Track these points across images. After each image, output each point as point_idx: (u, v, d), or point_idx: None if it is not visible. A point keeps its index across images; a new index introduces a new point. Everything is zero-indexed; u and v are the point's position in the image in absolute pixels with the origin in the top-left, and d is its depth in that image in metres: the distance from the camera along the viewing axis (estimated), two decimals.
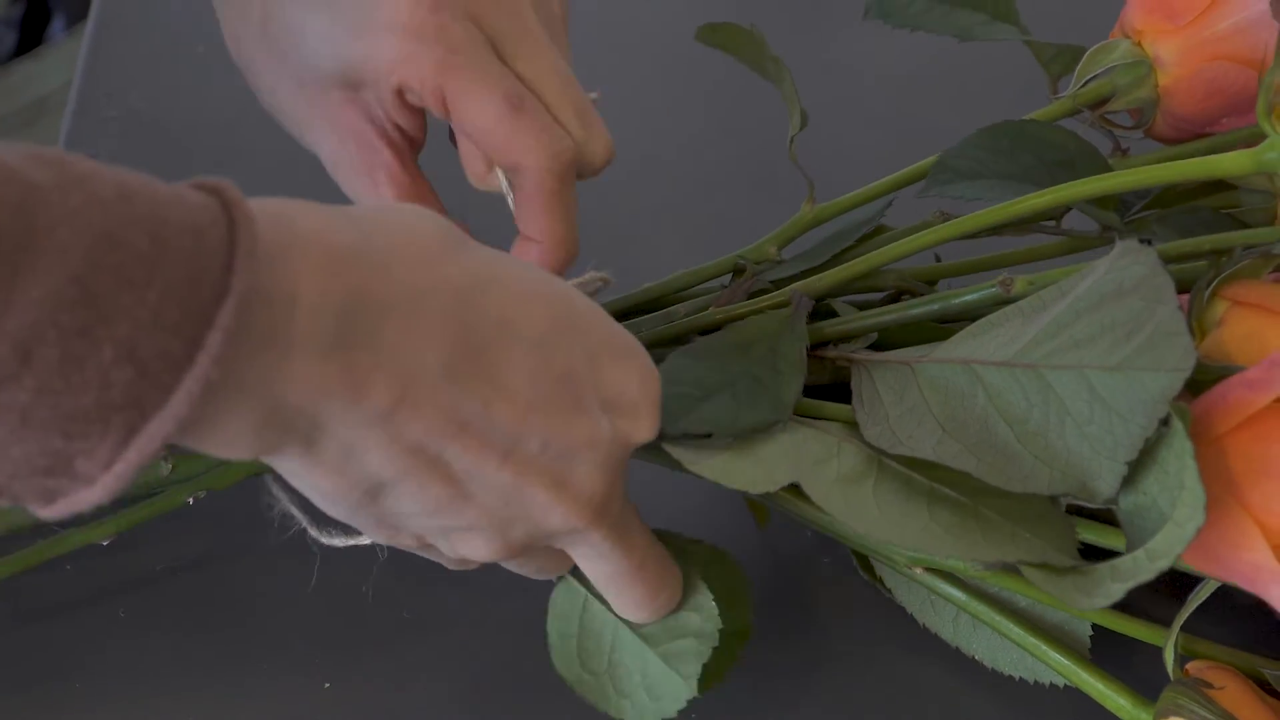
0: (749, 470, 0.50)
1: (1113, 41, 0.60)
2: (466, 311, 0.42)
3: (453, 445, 0.42)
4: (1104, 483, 0.45)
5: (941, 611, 0.56)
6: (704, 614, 0.52)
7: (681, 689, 0.51)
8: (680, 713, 0.51)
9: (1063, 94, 0.61)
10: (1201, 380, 0.47)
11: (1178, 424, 0.43)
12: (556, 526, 0.46)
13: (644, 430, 0.47)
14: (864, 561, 0.58)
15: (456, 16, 0.52)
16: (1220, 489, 0.44)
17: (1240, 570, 0.44)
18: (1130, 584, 0.44)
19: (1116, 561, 0.45)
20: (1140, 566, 0.44)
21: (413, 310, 0.41)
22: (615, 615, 0.52)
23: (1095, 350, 0.46)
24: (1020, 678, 0.54)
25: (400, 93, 0.52)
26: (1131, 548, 0.46)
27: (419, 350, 0.41)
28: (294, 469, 0.42)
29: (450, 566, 0.50)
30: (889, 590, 0.57)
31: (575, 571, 0.53)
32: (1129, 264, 0.47)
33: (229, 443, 0.39)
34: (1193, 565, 0.46)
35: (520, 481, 0.44)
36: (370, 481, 0.42)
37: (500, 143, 0.52)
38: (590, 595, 0.53)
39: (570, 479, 0.45)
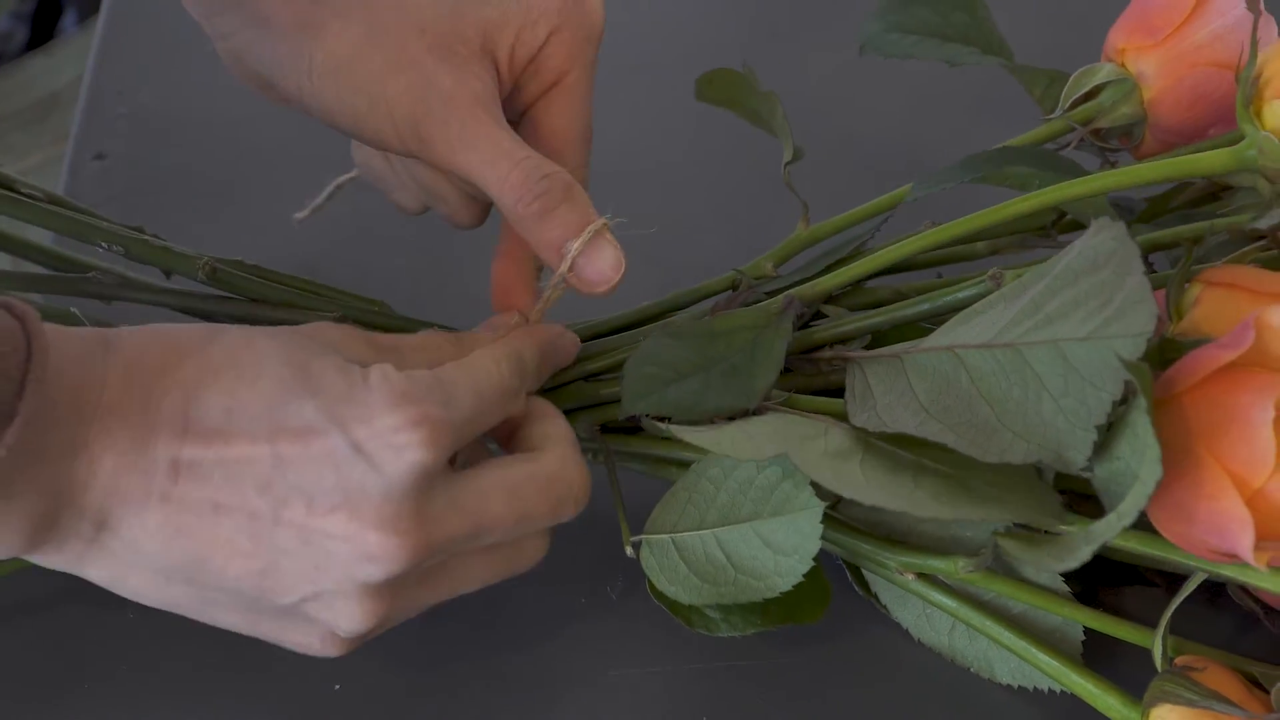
0: (739, 442, 0.51)
1: (1098, 65, 0.62)
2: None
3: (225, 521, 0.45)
4: (1077, 451, 0.46)
5: (938, 625, 0.57)
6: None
7: (806, 522, 0.51)
8: None
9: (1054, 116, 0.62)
10: (1175, 358, 0.48)
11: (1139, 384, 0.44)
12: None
13: None
14: (858, 576, 0.58)
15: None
16: (1190, 441, 0.45)
17: (1211, 522, 0.44)
18: (1097, 544, 0.44)
19: (1092, 526, 0.46)
20: (1109, 526, 0.44)
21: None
22: (698, 529, 0.53)
23: (1069, 323, 0.47)
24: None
25: (514, 51, 0.54)
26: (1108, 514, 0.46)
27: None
28: (74, 563, 0.46)
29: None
30: (884, 607, 0.58)
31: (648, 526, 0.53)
32: (1102, 240, 0.48)
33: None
34: (1166, 532, 0.47)
35: (306, 533, 0.45)
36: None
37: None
38: (671, 535, 0.54)
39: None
